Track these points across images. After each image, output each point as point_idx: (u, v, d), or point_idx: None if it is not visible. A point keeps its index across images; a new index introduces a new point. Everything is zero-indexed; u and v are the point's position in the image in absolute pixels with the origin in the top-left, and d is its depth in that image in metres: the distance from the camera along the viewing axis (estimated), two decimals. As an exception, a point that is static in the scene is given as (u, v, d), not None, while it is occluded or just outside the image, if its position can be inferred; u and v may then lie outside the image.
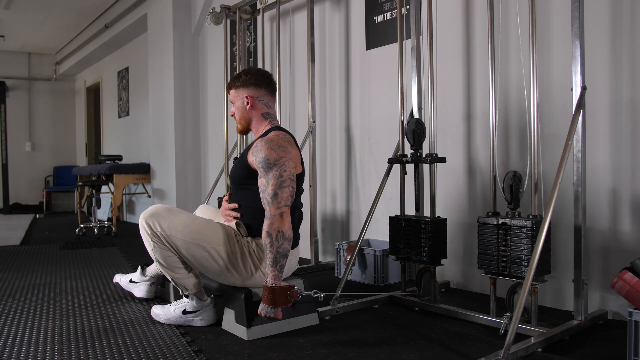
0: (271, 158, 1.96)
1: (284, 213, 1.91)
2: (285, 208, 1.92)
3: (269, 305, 1.89)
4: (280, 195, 1.92)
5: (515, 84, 2.51)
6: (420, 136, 2.42)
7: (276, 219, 1.90)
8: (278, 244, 1.88)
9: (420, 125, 2.41)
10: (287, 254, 1.91)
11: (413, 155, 2.44)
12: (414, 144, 2.42)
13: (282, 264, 1.90)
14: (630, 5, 2.16)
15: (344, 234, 3.56)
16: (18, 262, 3.81)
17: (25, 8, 6.28)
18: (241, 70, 2.25)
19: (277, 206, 1.91)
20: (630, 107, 2.17)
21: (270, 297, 1.88)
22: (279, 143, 2.02)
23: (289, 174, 1.96)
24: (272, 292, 1.88)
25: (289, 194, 1.94)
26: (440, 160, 2.37)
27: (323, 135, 3.72)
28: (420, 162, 2.43)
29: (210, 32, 5.03)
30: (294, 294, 1.92)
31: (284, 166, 1.96)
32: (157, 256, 2.06)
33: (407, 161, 2.46)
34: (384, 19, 3.25)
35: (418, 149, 2.43)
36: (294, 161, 2.03)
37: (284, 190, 1.93)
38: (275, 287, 1.88)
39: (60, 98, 9.08)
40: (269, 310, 1.90)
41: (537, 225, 1.95)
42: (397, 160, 2.51)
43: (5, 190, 8.24)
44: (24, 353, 1.88)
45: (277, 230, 1.89)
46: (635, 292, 1.84)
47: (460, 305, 2.34)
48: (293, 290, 1.92)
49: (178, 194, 5.21)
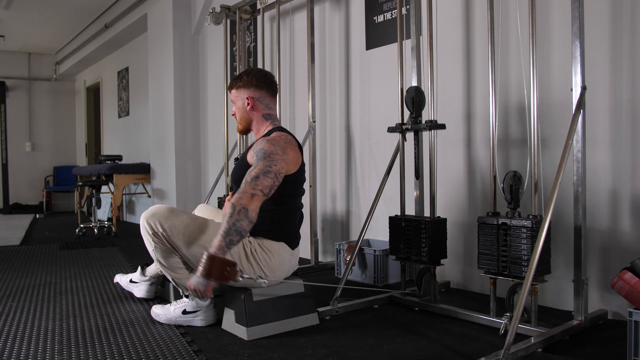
0: (267, 150, 1.97)
1: (256, 196, 1.84)
2: (260, 193, 1.85)
3: (202, 275, 1.77)
4: (261, 180, 1.87)
5: (515, 84, 2.51)
6: (420, 104, 2.40)
7: (247, 196, 1.83)
8: (238, 217, 1.79)
9: (419, 93, 2.40)
10: (242, 233, 1.80)
11: (412, 122, 2.42)
12: (413, 111, 2.41)
13: (232, 239, 1.79)
14: (630, 5, 2.16)
15: (344, 234, 3.56)
16: (18, 262, 3.81)
17: (25, 8, 6.28)
18: (243, 71, 2.25)
19: (253, 187, 1.85)
20: (630, 107, 2.17)
21: (206, 267, 1.76)
22: (279, 143, 2.03)
23: (277, 169, 1.94)
24: (211, 261, 1.76)
25: (269, 184, 1.89)
26: (439, 127, 2.35)
27: (323, 135, 3.72)
28: (419, 129, 2.41)
29: (210, 32, 5.03)
30: (233, 273, 1.80)
31: (275, 161, 1.95)
32: (158, 256, 2.06)
33: (406, 129, 2.45)
34: (384, 19, 3.25)
35: (417, 117, 2.42)
36: (288, 164, 2.02)
37: (267, 178, 1.89)
38: (215, 257, 1.77)
39: (60, 98, 9.08)
40: (200, 282, 1.78)
41: (537, 225, 1.95)
42: (396, 129, 2.50)
43: (5, 190, 8.24)
44: (24, 353, 1.88)
45: (242, 206, 1.80)
46: (635, 292, 1.84)
47: (460, 305, 2.34)
48: (233, 268, 1.80)
49: (178, 194, 5.21)
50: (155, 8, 5.45)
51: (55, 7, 6.28)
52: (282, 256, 2.11)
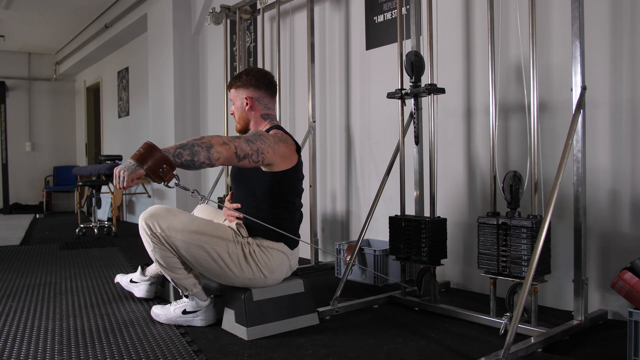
0: (261, 133, 2.00)
1: (228, 145, 1.82)
2: (233, 147, 1.83)
3: (133, 159, 1.69)
4: (241, 142, 1.87)
5: (515, 84, 2.51)
6: (419, 68, 2.38)
7: (219, 139, 1.81)
8: (199, 143, 1.76)
9: (418, 57, 2.38)
10: (194, 159, 1.74)
11: (412, 87, 2.40)
12: (413, 76, 2.39)
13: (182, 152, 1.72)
14: (630, 5, 2.16)
15: (344, 234, 3.56)
16: (18, 262, 3.81)
17: (25, 8, 6.28)
18: (242, 70, 2.26)
19: (231, 139, 1.85)
20: (630, 107, 2.17)
21: (143, 153, 1.68)
22: (275, 136, 2.06)
23: (261, 147, 1.93)
24: (150, 150, 1.69)
25: (246, 150, 1.87)
26: (439, 91, 2.34)
27: (323, 135, 3.72)
28: (419, 94, 2.40)
29: (210, 32, 5.03)
30: (167, 173, 1.71)
31: (263, 142, 1.95)
32: (157, 257, 2.06)
33: (406, 94, 2.44)
34: (384, 19, 3.25)
35: (417, 82, 2.40)
36: (275, 154, 2.00)
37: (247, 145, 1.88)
38: (158, 149, 1.70)
39: (60, 98, 9.08)
40: (128, 166, 1.70)
41: (537, 225, 1.95)
42: (395, 94, 2.48)
43: (5, 190, 8.24)
44: (24, 353, 1.88)
45: (210, 141, 1.78)
46: (635, 292, 1.84)
47: (460, 305, 2.34)
48: (170, 170, 1.71)
49: (178, 194, 5.21)
50: (155, 8, 5.45)
51: (55, 7, 6.28)
52: (281, 256, 2.11)
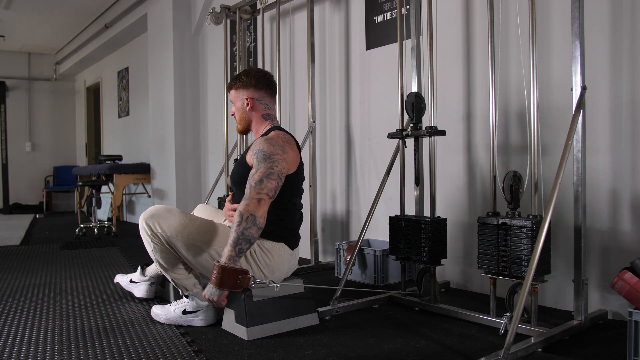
0: (267, 151, 1.97)
1: (262, 200, 1.86)
2: (266, 197, 1.88)
3: (215, 286, 1.81)
4: (265, 183, 1.89)
5: (515, 84, 2.51)
6: (420, 110, 2.40)
7: (253, 202, 1.85)
8: (246, 225, 1.82)
9: (419, 99, 2.40)
10: (252, 240, 1.83)
11: (412, 128, 2.42)
12: (414, 117, 2.40)
13: (242, 248, 1.82)
14: (630, 5, 2.16)
15: (344, 234, 3.56)
16: (18, 262, 3.81)
17: (25, 8, 6.28)
18: (242, 71, 2.25)
19: (258, 191, 1.87)
20: (630, 107, 2.17)
21: (218, 277, 1.80)
22: (278, 142, 2.03)
23: (279, 169, 1.95)
24: (222, 272, 1.80)
25: (274, 186, 1.91)
26: (439, 133, 2.35)
27: (323, 135, 3.72)
28: (419, 135, 2.41)
29: (210, 32, 5.03)
30: (245, 280, 1.83)
31: (277, 162, 1.96)
32: (157, 257, 2.06)
33: (406, 135, 2.45)
34: (384, 19, 3.25)
35: (417, 123, 2.41)
36: (288, 163, 2.03)
37: (271, 181, 1.91)
38: (226, 267, 1.80)
39: (60, 98, 9.08)
40: (214, 292, 1.82)
41: (537, 225, 1.95)
42: (396, 135, 2.50)
43: (5, 190, 8.24)
44: (24, 353, 1.88)
45: (249, 213, 1.83)
46: (635, 292, 1.84)
47: (460, 305, 2.34)
48: (246, 276, 1.83)
49: (178, 194, 5.21)
50: (155, 8, 5.45)
51: (55, 7, 6.28)
52: (281, 257, 2.11)
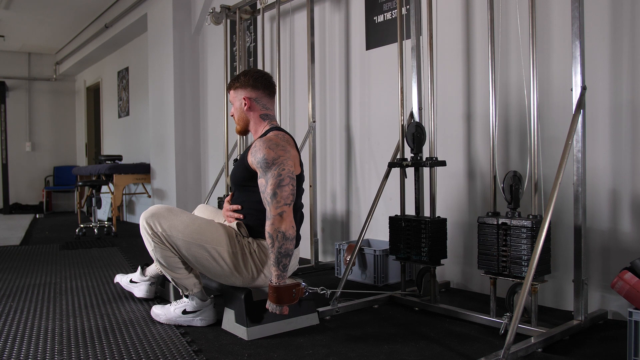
0: (269, 157, 1.96)
1: (284, 212, 1.92)
2: (286, 207, 1.92)
3: (275, 303, 1.95)
4: (280, 194, 1.92)
5: (515, 84, 2.51)
6: (420, 140, 2.42)
7: (276, 219, 1.91)
8: (279, 244, 1.90)
9: (420, 129, 2.42)
10: (290, 253, 1.93)
11: (413, 158, 2.44)
12: (414, 147, 2.42)
13: (284, 263, 1.92)
14: (630, 5, 2.16)
15: (344, 234, 3.56)
16: (18, 262, 3.81)
17: (25, 8, 6.28)
18: (240, 72, 2.26)
19: (276, 206, 1.92)
20: (630, 107, 2.17)
21: (275, 296, 1.94)
22: (277, 142, 2.02)
23: (287, 172, 1.96)
24: (277, 292, 1.93)
25: (288, 192, 1.94)
26: (440, 164, 2.37)
27: (323, 135, 3.72)
28: (420, 165, 2.43)
29: (210, 32, 5.03)
30: (299, 291, 1.97)
31: (282, 165, 1.96)
32: (158, 256, 2.06)
33: (407, 165, 2.46)
34: (384, 19, 3.25)
35: (418, 153, 2.43)
36: (293, 160, 2.03)
37: (284, 189, 1.93)
38: (280, 287, 1.93)
39: (60, 98, 9.08)
40: (275, 308, 1.96)
41: (537, 225, 1.95)
42: (397, 164, 2.52)
43: (5, 190, 8.23)
44: (24, 353, 1.88)
45: (277, 231, 1.90)
46: (635, 292, 1.84)
47: (460, 305, 2.34)
48: (299, 287, 1.97)
49: (178, 194, 5.21)
50: (155, 8, 5.45)
51: (55, 7, 6.28)
52: (282, 256, 2.11)
